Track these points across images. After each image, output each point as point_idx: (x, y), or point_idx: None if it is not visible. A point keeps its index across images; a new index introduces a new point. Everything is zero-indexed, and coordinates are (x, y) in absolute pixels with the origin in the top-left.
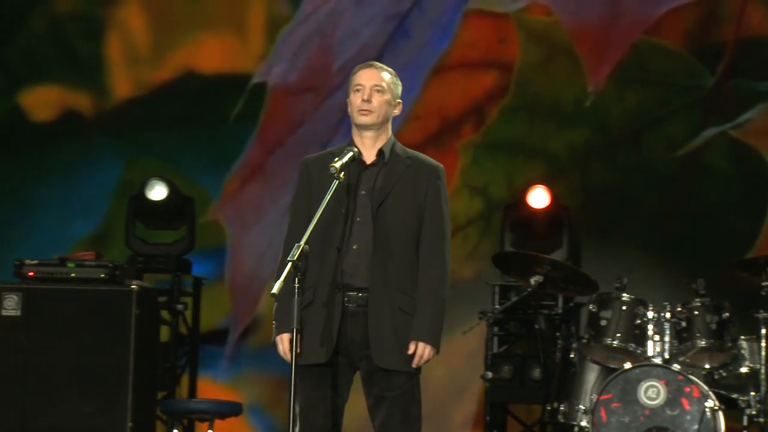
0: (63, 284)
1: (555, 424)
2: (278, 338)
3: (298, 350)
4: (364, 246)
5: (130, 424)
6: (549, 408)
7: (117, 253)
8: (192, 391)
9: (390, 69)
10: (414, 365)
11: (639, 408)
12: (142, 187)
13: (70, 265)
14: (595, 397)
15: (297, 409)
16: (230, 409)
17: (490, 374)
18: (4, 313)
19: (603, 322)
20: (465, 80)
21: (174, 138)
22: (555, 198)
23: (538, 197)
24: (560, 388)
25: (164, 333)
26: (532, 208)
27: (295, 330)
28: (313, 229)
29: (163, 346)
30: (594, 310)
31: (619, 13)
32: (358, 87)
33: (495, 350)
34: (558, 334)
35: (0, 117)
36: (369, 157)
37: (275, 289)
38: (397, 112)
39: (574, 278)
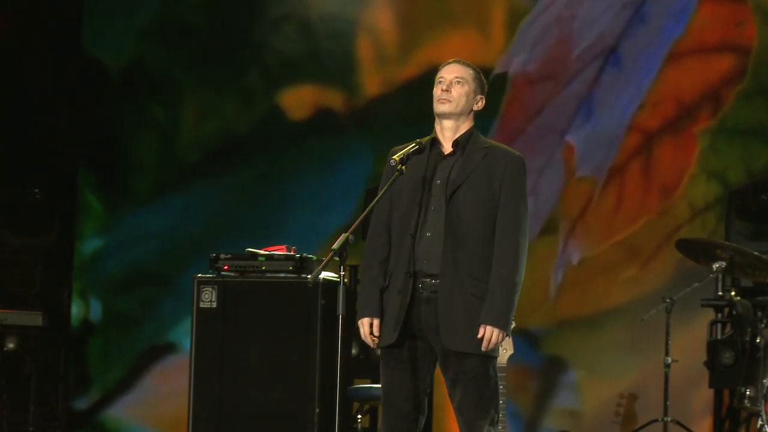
0: (254, 277)
1: (743, 409)
2: (359, 322)
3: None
4: (436, 234)
5: (317, 410)
6: (737, 393)
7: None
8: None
9: (475, 67)
10: (483, 349)
11: None
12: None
13: (261, 258)
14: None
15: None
16: None
17: (669, 360)
18: (202, 305)
19: None
20: (701, 65)
21: (420, 132)
22: None
23: None
24: (747, 374)
25: None
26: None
27: (341, 317)
28: (395, 218)
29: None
30: None
31: None
32: (440, 79)
33: (718, 336)
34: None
35: (260, 117)
36: (448, 147)
37: (311, 277)
38: (478, 107)
39: (759, 265)
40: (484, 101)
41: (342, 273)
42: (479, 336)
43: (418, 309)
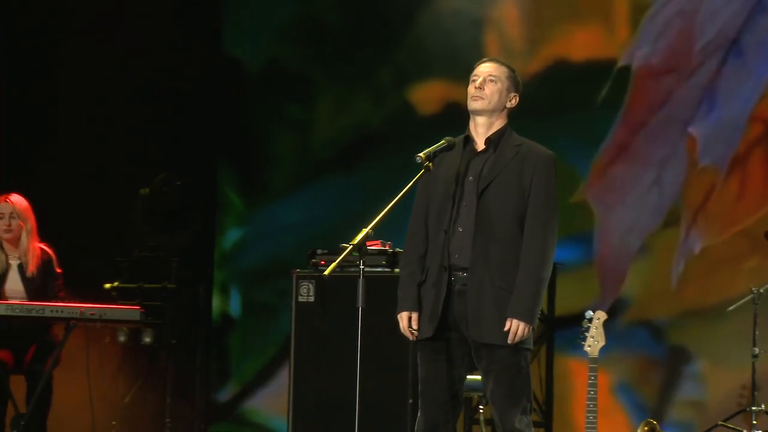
0: (350, 271)
1: None
2: (398, 316)
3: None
4: (468, 229)
5: (410, 401)
6: None
7: None
8: (549, 369)
9: (510, 65)
10: (509, 342)
11: None
12: None
13: (355, 253)
14: None
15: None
16: None
17: (757, 350)
18: (300, 299)
19: None
20: None
21: (545, 124)
22: None
23: None
24: None
25: None
26: None
27: (360, 309)
28: (431, 214)
29: None
30: None
31: None
32: (474, 77)
33: None
34: None
35: (391, 113)
36: (481, 144)
37: (327, 272)
38: (511, 104)
39: None
40: (517, 99)
41: (362, 267)
42: (505, 329)
43: (452, 302)
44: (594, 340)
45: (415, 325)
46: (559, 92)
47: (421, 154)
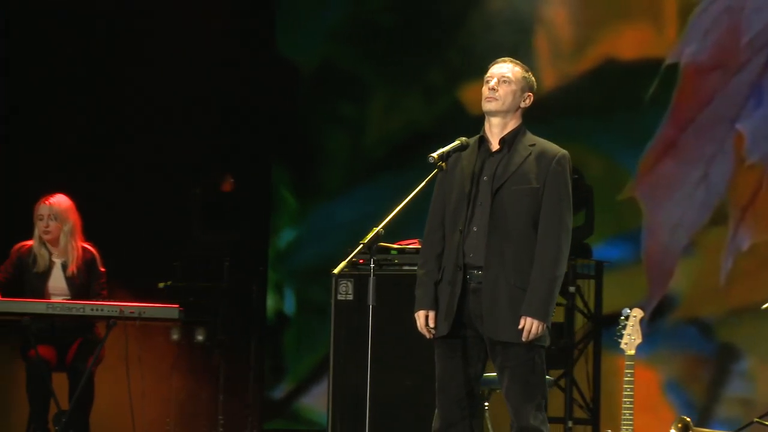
0: (387, 270)
1: None
2: (416, 315)
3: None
4: (482, 228)
5: None
6: None
7: None
8: (597, 366)
9: (524, 66)
10: (523, 339)
11: None
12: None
13: (393, 252)
14: None
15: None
16: None
17: None
18: (339, 297)
19: None
20: None
21: (594, 123)
22: None
23: None
24: None
25: (559, 314)
26: None
27: (371, 307)
28: (447, 213)
29: (559, 326)
30: None
31: None
32: (488, 78)
33: None
34: None
35: (442, 112)
36: (495, 144)
37: (336, 270)
38: (525, 104)
39: None
40: (532, 99)
41: (372, 266)
42: (519, 327)
43: (467, 300)
44: (630, 338)
45: (432, 323)
46: (607, 91)
47: (433, 155)
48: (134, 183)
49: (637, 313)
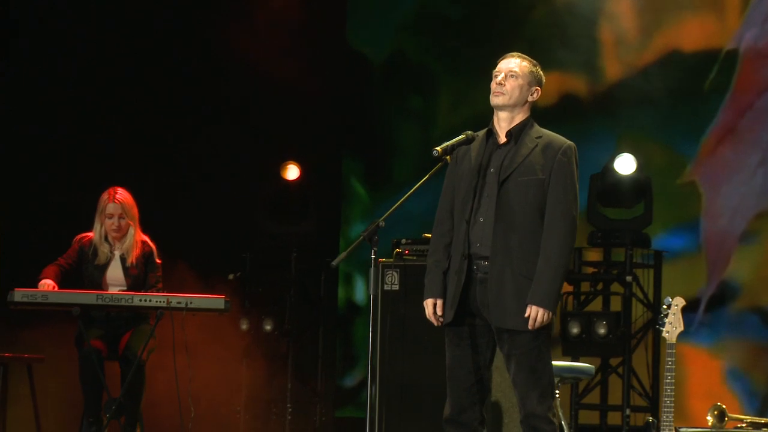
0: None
1: None
2: (424, 303)
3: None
4: (489, 218)
5: None
6: None
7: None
8: (656, 355)
9: (531, 59)
10: (530, 327)
11: None
12: (613, 159)
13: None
14: None
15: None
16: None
17: None
18: (386, 287)
19: None
20: None
21: (657, 112)
22: None
23: None
24: None
25: (615, 302)
26: None
27: (371, 296)
28: (455, 204)
29: (617, 315)
30: None
31: None
32: (496, 73)
33: None
34: None
35: None
36: (503, 137)
37: (335, 262)
38: (533, 98)
39: None
40: (539, 92)
41: (373, 256)
42: (525, 315)
43: (474, 289)
44: (672, 326)
45: (440, 311)
46: (671, 81)
47: (438, 148)
48: (206, 176)
49: (678, 302)
